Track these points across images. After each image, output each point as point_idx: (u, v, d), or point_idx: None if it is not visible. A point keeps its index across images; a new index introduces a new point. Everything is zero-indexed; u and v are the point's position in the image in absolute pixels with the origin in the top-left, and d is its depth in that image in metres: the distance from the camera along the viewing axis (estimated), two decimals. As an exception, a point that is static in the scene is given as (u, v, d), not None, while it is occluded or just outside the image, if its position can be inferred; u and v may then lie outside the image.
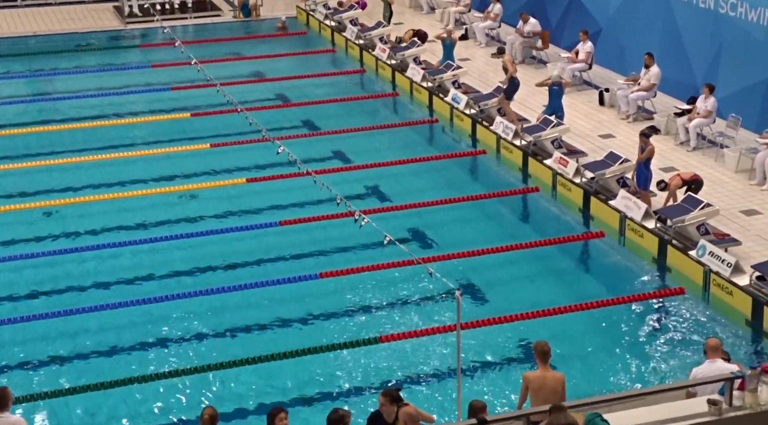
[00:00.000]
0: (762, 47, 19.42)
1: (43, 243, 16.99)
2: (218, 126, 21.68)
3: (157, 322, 14.59)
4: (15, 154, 20.70)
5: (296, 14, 30.56)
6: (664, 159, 18.60)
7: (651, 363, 13.59)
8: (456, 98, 22.12)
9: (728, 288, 14.56)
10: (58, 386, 13.03)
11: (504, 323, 14.21)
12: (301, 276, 15.54)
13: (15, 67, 26.54)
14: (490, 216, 18.08)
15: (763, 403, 7.01)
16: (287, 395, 12.88)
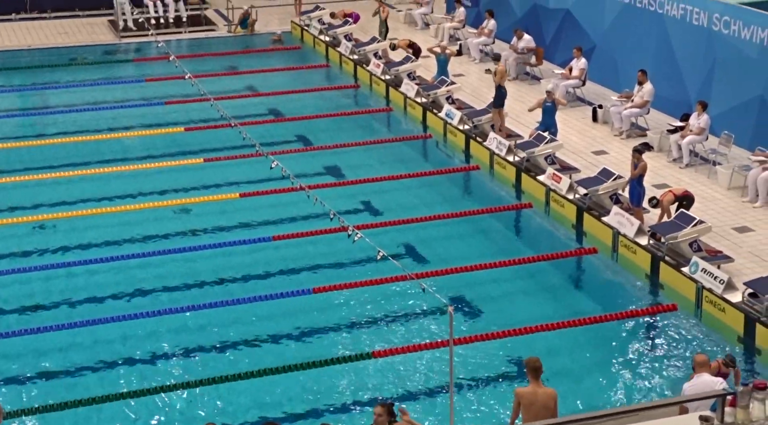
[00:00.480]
0: (755, 65, 19.50)
1: (36, 257, 16.97)
2: (212, 141, 21.72)
3: (149, 337, 14.59)
4: (8, 168, 20.69)
5: (291, 29, 30.64)
6: (657, 176, 18.65)
7: (643, 380, 13.60)
8: (450, 114, 22.18)
9: (721, 305, 14.58)
10: (48, 400, 13.00)
11: (497, 338, 14.24)
12: (294, 291, 15.55)
13: (9, 80, 26.56)
14: (483, 232, 18.10)
15: (754, 419, 7.02)
16: (279, 410, 12.87)
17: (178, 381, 13.42)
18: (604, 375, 13.66)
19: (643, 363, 13.99)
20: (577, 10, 24.77)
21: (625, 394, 13.21)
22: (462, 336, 13.88)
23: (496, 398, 13.03)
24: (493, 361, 13.95)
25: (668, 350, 14.31)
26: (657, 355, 14.21)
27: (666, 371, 13.79)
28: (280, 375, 13.43)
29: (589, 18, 24.39)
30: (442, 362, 13.42)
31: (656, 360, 14.07)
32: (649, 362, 14.02)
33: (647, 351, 14.36)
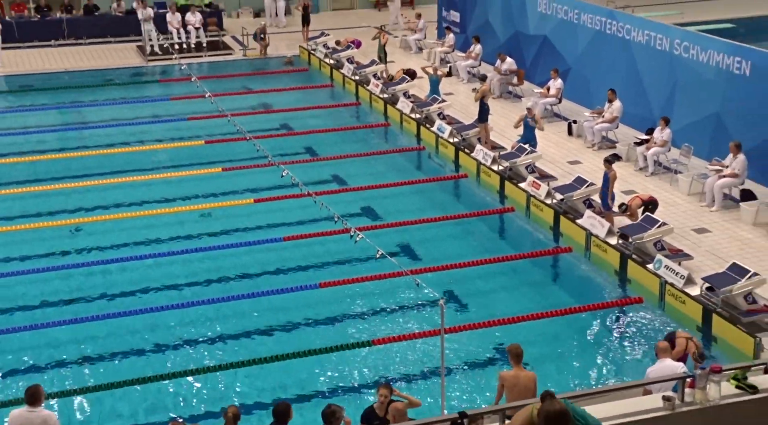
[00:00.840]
0: (711, 85, 19.55)
1: (74, 256, 17.00)
2: (229, 152, 21.73)
3: (177, 326, 14.62)
4: (50, 176, 20.72)
5: (299, 53, 30.67)
6: (626, 183, 18.69)
7: (613, 364, 13.65)
8: (441, 128, 22.21)
9: (681, 298, 14.62)
10: (85, 383, 13.04)
11: (483, 328, 14.27)
12: (303, 286, 15.58)
13: (50, 99, 26.57)
14: (470, 233, 18.13)
15: (710, 399, 7.06)
16: (290, 391, 12.89)
17: (201, 365, 13.44)
18: (578, 360, 13.69)
19: (612, 349, 14.04)
20: (554, 37, 24.82)
21: (597, 377, 13.25)
22: (452, 325, 13.88)
23: (483, 381, 13.07)
24: (480, 348, 13.98)
25: (635, 338, 14.34)
26: (625, 342, 14.25)
27: (633, 356, 13.84)
28: (291, 360, 13.44)
29: (564, 43, 24.44)
30: (434, 349, 13.45)
31: (624, 347, 14.12)
32: (618, 348, 14.06)
33: (616, 338, 14.39)
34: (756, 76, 18.48)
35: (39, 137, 23.48)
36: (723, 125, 19.26)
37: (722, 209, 17.74)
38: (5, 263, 16.74)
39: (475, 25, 28.41)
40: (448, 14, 30.26)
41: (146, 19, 30.37)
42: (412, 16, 31.85)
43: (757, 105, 18.41)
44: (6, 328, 14.44)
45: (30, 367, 13.60)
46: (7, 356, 13.87)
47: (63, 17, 31.97)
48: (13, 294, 15.69)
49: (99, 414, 12.51)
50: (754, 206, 17.24)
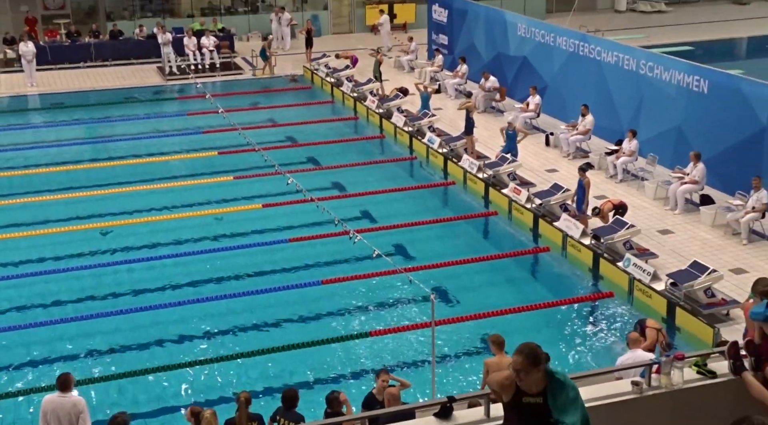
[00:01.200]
0: (673, 101, 19.56)
1: (103, 256, 16.96)
2: (240, 162, 21.69)
3: (191, 320, 14.58)
4: (78, 185, 20.67)
5: (303, 72, 30.65)
6: (598, 189, 18.68)
7: (587, 352, 13.62)
8: (431, 140, 22.19)
9: (648, 292, 14.61)
10: (111, 371, 13.01)
11: (470, 321, 14.24)
12: (306, 283, 15.55)
13: (78, 115, 26.53)
14: (458, 235, 18.10)
15: (674, 384, 7.04)
16: (295, 379, 12.86)
17: (216, 355, 13.41)
18: (556, 349, 13.65)
19: (586, 339, 14.01)
20: (533, 58, 24.83)
21: (572, 364, 13.22)
22: (442, 318, 13.86)
23: (470, 368, 13.04)
24: (468, 339, 13.96)
25: (606, 329, 14.33)
26: (597, 333, 14.23)
27: (605, 345, 13.82)
28: (296, 350, 13.41)
29: (542, 63, 24.45)
30: (426, 340, 13.42)
31: (597, 337, 14.10)
32: (591, 338, 14.04)
33: (590, 329, 14.37)
34: (713, 93, 18.50)
35: (70, 149, 23.42)
36: (684, 137, 19.27)
37: (684, 212, 17.75)
38: (41, 262, 16.69)
39: (462, 47, 28.41)
40: (437, 37, 30.26)
41: (165, 43, 30.35)
42: (405, 39, 31.85)
43: (714, 119, 18.43)
44: (41, 321, 14.41)
45: (61, 357, 13.55)
46: (41, 347, 13.82)
47: (91, 42, 31.91)
48: (48, 291, 15.64)
49: (123, 400, 12.46)
50: (713, 210, 17.25)
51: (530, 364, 5.56)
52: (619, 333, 14.04)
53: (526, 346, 5.66)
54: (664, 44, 29.83)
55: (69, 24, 33.52)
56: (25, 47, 28.97)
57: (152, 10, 35.77)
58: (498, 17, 26.57)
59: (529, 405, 5.63)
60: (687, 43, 31.84)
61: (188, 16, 35.70)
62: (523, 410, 5.65)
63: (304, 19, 34.69)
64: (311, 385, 12.70)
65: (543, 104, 23.31)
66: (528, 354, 5.59)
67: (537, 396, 5.63)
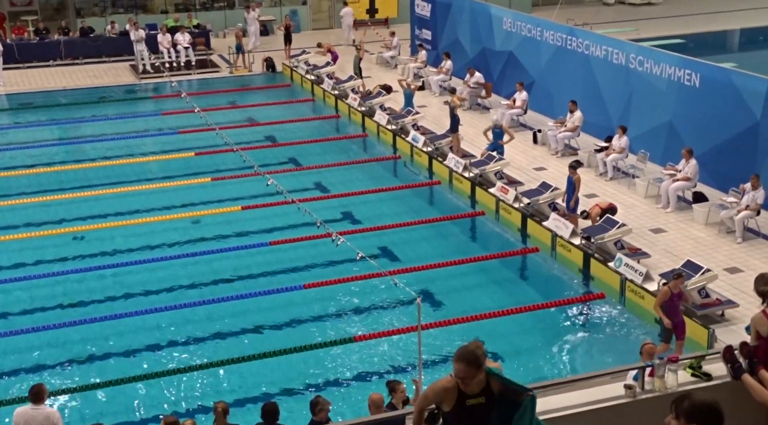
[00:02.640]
0: (664, 96, 19.66)
1: (72, 262, 16.87)
2: (218, 163, 21.64)
3: (168, 327, 14.52)
4: (49, 188, 20.54)
5: (282, 70, 30.60)
6: (587, 187, 18.73)
7: (578, 355, 13.66)
8: (415, 138, 22.21)
9: (640, 293, 14.66)
10: (83, 382, 12.92)
11: (458, 324, 14.25)
12: (288, 287, 15.51)
13: (49, 116, 26.38)
14: (444, 236, 18.12)
15: (669, 387, 7.06)
16: (277, 386, 12.84)
17: (189, 364, 13.36)
18: (546, 353, 13.70)
19: (577, 341, 14.04)
20: (519, 52, 24.89)
21: (563, 367, 13.25)
22: (428, 322, 13.87)
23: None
24: (454, 342, 13.94)
25: (598, 330, 14.37)
26: (589, 335, 14.27)
27: (596, 347, 13.86)
28: (277, 357, 13.38)
29: (528, 58, 24.52)
30: (412, 344, 13.42)
31: (588, 339, 14.14)
32: (582, 341, 14.07)
33: (581, 332, 14.41)
34: (705, 87, 18.61)
35: (40, 151, 23.28)
36: (676, 133, 19.37)
37: (676, 210, 17.84)
38: (9, 269, 16.57)
39: (446, 42, 28.45)
40: (420, 32, 30.29)
41: (138, 40, 30.21)
42: (387, 34, 31.87)
43: (707, 114, 18.54)
44: (11, 330, 14.30)
45: (33, 367, 13.47)
46: (12, 356, 13.73)
47: (60, 39, 31.74)
48: (17, 298, 15.54)
49: (98, 411, 12.38)
50: (706, 207, 17.34)
51: (474, 368, 5.57)
52: (610, 334, 14.08)
53: (466, 351, 5.65)
54: (655, 37, 29.99)
55: (37, 21, 33.33)
56: (-9, 45, 28.79)
57: (124, 5, 35.61)
58: (483, 11, 26.64)
59: (474, 406, 5.66)
60: (678, 36, 31.99)
61: (162, 11, 35.57)
62: (470, 413, 5.67)
63: (282, 15, 34.65)
64: (294, 393, 12.67)
65: (530, 100, 23.37)
66: (470, 359, 5.59)
67: (479, 396, 5.66)
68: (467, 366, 5.57)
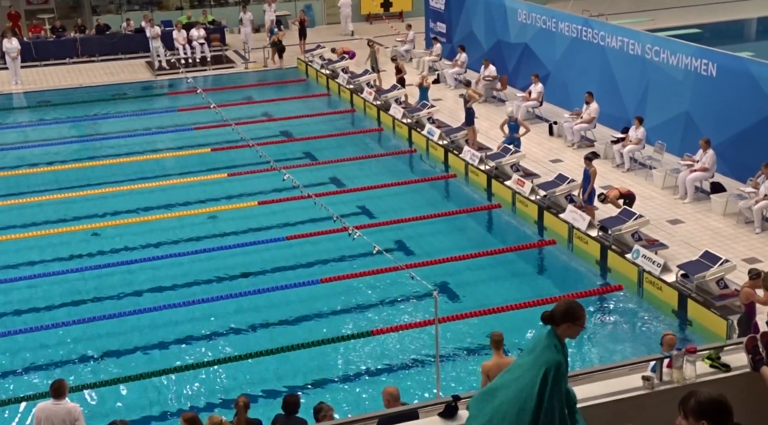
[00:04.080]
0: (680, 86, 19.55)
1: (89, 259, 16.96)
2: (234, 158, 21.70)
3: (185, 323, 14.59)
4: (66, 185, 20.68)
5: (297, 65, 30.62)
6: (604, 179, 18.67)
7: (595, 347, 13.64)
8: (431, 132, 22.19)
9: (658, 284, 14.62)
10: (105, 377, 13.01)
11: (474, 317, 14.26)
12: (305, 282, 15.55)
13: (66, 113, 26.52)
14: (460, 229, 18.11)
15: (687, 378, 7.03)
16: (294, 381, 12.87)
17: (207, 359, 13.43)
18: (564, 345, 13.65)
19: (595, 333, 14.02)
20: (534, 44, 24.81)
21: (580, 359, 13.23)
22: (445, 315, 13.87)
23: (475, 366, 13.01)
24: (472, 336, 13.97)
25: (615, 322, 14.34)
26: (606, 327, 14.24)
27: (614, 339, 13.82)
28: (296, 351, 13.42)
29: (543, 50, 24.43)
30: (429, 337, 13.43)
31: (606, 331, 14.11)
32: (600, 333, 14.05)
33: (598, 324, 14.38)
34: (722, 76, 18.49)
35: (57, 148, 23.44)
36: (693, 123, 19.26)
37: (694, 201, 17.75)
38: (29, 266, 16.69)
39: (461, 35, 28.38)
40: (435, 25, 30.23)
41: (154, 36, 30.32)
42: (402, 28, 31.82)
43: (724, 103, 18.42)
44: (33, 326, 14.40)
45: (54, 362, 13.57)
46: (33, 352, 13.84)
47: (77, 37, 31.87)
48: (38, 295, 15.66)
49: (118, 406, 12.48)
50: (724, 198, 17.25)
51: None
52: (628, 326, 14.05)
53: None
54: (671, 27, 29.77)
55: (53, 19, 33.48)
56: (9, 44, 28.95)
57: (139, 2, 35.72)
58: (497, 3, 26.55)
59: None
60: (694, 25, 31.76)
61: (177, 8, 35.66)
62: None
63: (297, 10, 34.67)
64: (312, 387, 12.70)
65: (546, 92, 23.29)
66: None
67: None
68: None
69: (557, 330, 5.77)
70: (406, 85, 25.88)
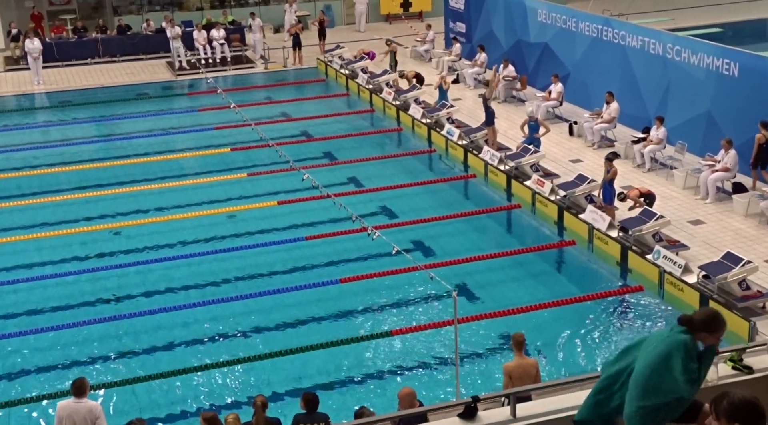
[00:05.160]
0: (702, 85, 19.40)
1: (110, 258, 17.04)
2: (253, 158, 21.75)
3: (205, 322, 14.61)
4: (88, 185, 20.78)
5: (317, 65, 30.65)
6: (624, 179, 18.56)
7: (616, 349, 13.51)
8: (450, 132, 22.14)
9: (679, 285, 14.51)
10: (125, 375, 13.06)
11: (493, 318, 14.21)
12: (324, 282, 15.55)
13: (88, 113, 26.67)
14: (480, 229, 18.06)
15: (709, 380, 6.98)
16: (313, 380, 12.87)
17: (226, 358, 13.43)
18: (584, 346, 13.61)
19: (615, 335, 13.93)
20: (554, 44, 24.71)
21: (601, 361, 13.13)
22: (464, 316, 13.83)
23: (495, 367, 12.98)
24: (492, 336, 13.92)
25: (636, 324, 14.25)
26: (627, 328, 14.15)
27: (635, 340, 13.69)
28: (315, 351, 13.41)
29: (563, 50, 24.33)
30: (448, 338, 13.39)
31: (626, 333, 14.01)
32: (620, 334, 13.96)
33: (619, 325, 14.30)
34: (744, 76, 18.34)
35: (79, 148, 23.57)
36: (714, 123, 19.12)
37: (716, 201, 17.61)
38: (52, 265, 16.78)
39: (480, 35, 28.31)
40: (454, 25, 30.18)
41: (174, 37, 30.44)
42: (422, 28, 31.78)
43: (746, 103, 18.27)
44: (53, 325, 14.48)
45: (75, 361, 13.64)
46: (55, 351, 13.91)
47: (98, 37, 32.06)
48: (61, 293, 15.74)
49: (138, 404, 12.52)
50: (746, 198, 17.10)
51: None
52: (649, 328, 13.94)
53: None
54: (692, 26, 29.57)
55: (75, 20, 33.70)
56: (31, 44, 29.14)
57: (160, 3, 35.88)
58: (517, 3, 26.46)
59: None
60: (716, 24, 31.52)
61: (197, 8, 35.80)
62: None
63: (317, 10, 34.69)
64: (332, 387, 12.70)
65: (566, 92, 23.18)
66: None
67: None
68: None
69: (693, 334, 5.66)
70: (425, 85, 25.86)
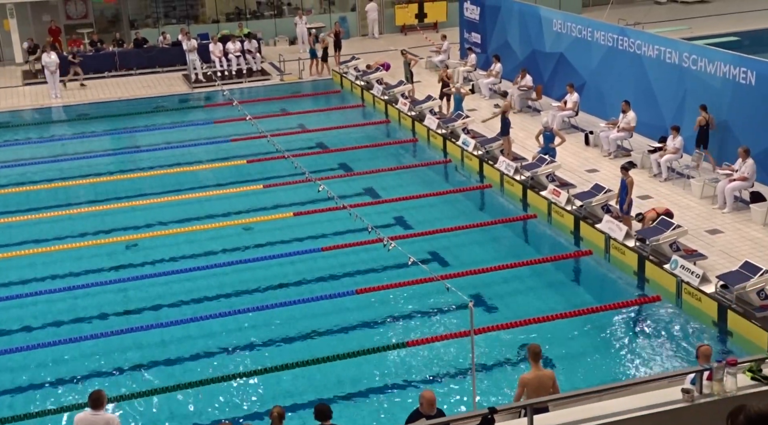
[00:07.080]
0: (718, 94, 19.33)
1: (127, 270, 17.10)
2: (269, 170, 21.81)
3: (221, 333, 14.64)
4: (104, 197, 20.89)
5: (332, 76, 30.74)
6: (641, 189, 18.50)
7: (634, 359, 13.47)
8: (466, 142, 22.14)
9: (697, 295, 14.43)
10: (142, 388, 13.09)
11: (510, 328, 14.17)
12: (340, 293, 15.56)
13: (104, 126, 26.83)
14: (496, 239, 18.02)
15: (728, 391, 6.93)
16: (330, 392, 12.84)
17: (243, 369, 13.45)
18: (601, 357, 13.54)
19: (632, 345, 13.86)
20: (570, 53, 24.68)
21: (619, 371, 13.09)
22: (481, 326, 13.79)
23: (511, 378, 12.93)
24: (508, 347, 13.87)
25: (654, 334, 14.16)
26: (644, 339, 14.07)
27: (652, 351, 13.65)
28: (331, 362, 13.41)
29: (579, 59, 24.29)
30: (464, 349, 13.35)
31: (644, 342, 13.93)
32: (637, 344, 13.88)
33: (636, 335, 14.22)
34: (761, 84, 18.25)
35: (96, 161, 23.69)
36: (731, 132, 19.03)
37: (733, 210, 17.52)
38: (68, 277, 16.87)
39: (495, 45, 28.33)
40: (469, 36, 30.21)
41: (190, 49, 30.63)
42: (437, 38, 31.81)
43: (763, 112, 18.18)
44: (71, 337, 14.54)
45: (92, 373, 13.68)
46: (72, 363, 13.96)
47: (115, 50, 32.30)
48: (77, 306, 15.81)
49: (156, 417, 12.54)
50: (764, 207, 17.00)
51: None
52: (666, 338, 13.86)
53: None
54: (708, 35, 29.52)
55: (92, 33, 33.95)
56: (48, 58, 29.36)
57: (176, 16, 36.12)
58: (532, 13, 26.47)
59: None
60: (732, 33, 31.46)
61: (213, 21, 36.01)
62: None
63: (332, 22, 34.82)
64: (348, 398, 12.68)
65: (581, 102, 23.14)
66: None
67: None
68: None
69: None
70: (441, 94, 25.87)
